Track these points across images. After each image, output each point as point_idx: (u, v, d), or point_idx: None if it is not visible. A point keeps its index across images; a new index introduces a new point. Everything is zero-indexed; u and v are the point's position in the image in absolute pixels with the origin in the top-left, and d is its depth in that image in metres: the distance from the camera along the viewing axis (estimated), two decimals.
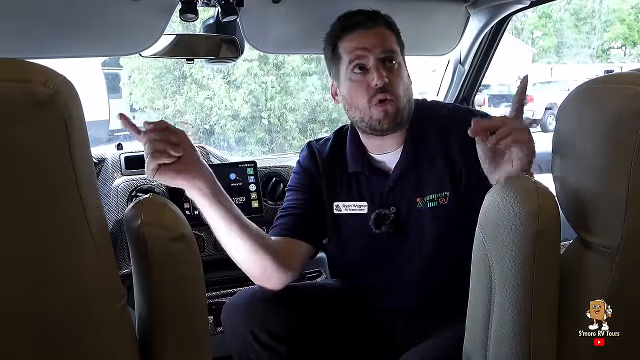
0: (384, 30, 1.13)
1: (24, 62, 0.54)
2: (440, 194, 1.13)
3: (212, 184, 1.01)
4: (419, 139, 1.15)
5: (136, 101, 8.12)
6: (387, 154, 1.18)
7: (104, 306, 0.63)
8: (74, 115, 0.55)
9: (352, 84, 1.12)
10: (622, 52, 17.70)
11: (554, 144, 0.73)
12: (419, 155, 1.14)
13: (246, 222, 1.06)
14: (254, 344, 1.08)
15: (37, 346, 0.59)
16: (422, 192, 1.14)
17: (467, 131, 0.87)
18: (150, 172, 0.95)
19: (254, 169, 1.67)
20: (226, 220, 1.03)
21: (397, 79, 1.11)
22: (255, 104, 7.73)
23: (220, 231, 1.05)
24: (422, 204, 1.14)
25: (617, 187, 0.65)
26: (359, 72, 1.11)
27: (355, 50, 1.11)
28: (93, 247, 0.60)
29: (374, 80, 1.08)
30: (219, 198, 1.02)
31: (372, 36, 1.11)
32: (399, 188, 1.15)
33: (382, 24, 1.13)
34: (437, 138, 1.14)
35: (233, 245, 1.07)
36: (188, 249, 0.69)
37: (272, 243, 1.10)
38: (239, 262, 1.10)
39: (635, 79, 0.65)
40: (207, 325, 0.77)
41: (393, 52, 1.12)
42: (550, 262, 0.69)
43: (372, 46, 1.10)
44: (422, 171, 1.14)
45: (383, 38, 1.11)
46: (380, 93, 1.09)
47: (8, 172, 0.53)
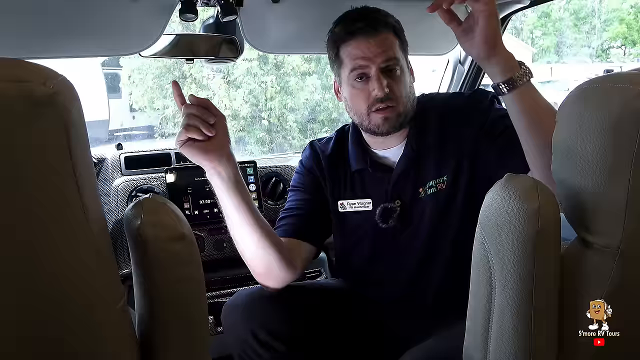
0: (387, 37, 1.11)
1: (23, 62, 0.54)
2: (439, 179, 1.14)
3: (233, 173, 1.03)
4: (422, 132, 1.16)
5: (136, 101, 8.11)
6: (390, 149, 1.19)
7: (104, 306, 0.63)
8: (74, 115, 0.55)
9: (353, 90, 1.12)
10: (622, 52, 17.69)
11: (554, 144, 0.73)
12: (422, 147, 1.15)
13: (259, 217, 1.07)
14: (254, 344, 1.08)
15: (37, 346, 0.59)
16: (422, 181, 1.15)
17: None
18: (178, 142, 0.99)
19: (254, 169, 1.67)
20: (240, 210, 1.04)
21: (399, 85, 1.11)
22: (255, 104, 7.73)
23: (233, 220, 1.06)
24: (423, 193, 1.15)
25: (618, 186, 0.65)
26: (360, 80, 1.11)
27: (357, 58, 1.10)
28: (93, 248, 0.60)
29: (374, 90, 1.08)
30: (238, 187, 1.04)
31: (374, 45, 1.09)
32: (403, 181, 1.16)
33: (385, 29, 1.11)
34: (438, 126, 1.15)
35: (243, 236, 1.08)
36: (188, 249, 0.69)
37: (280, 242, 1.11)
38: (246, 256, 1.10)
39: (635, 79, 0.65)
40: (208, 325, 0.77)
41: (394, 59, 1.11)
42: (550, 261, 0.69)
43: (374, 55, 1.09)
44: (424, 161, 1.15)
45: (386, 46, 1.10)
46: (381, 102, 1.09)
47: (7, 172, 0.53)
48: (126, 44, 1.42)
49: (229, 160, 1.03)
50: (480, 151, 1.11)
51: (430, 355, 1.00)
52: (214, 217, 1.61)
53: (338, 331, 1.17)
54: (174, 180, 1.60)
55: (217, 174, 1.02)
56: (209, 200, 1.61)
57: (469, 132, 1.12)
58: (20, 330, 0.58)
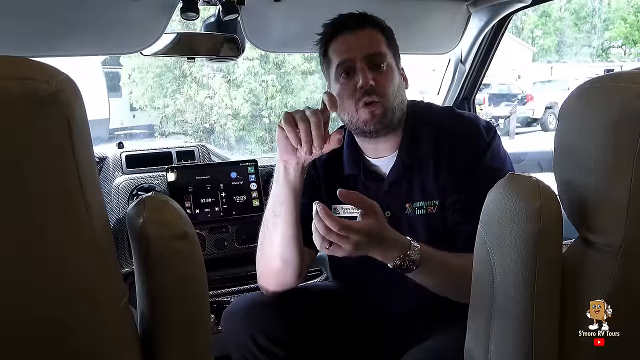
0: (370, 32, 1.12)
1: (26, 60, 0.54)
2: (429, 201, 1.13)
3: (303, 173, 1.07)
4: (413, 145, 1.14)
5: (136, 100, 8.12)
6: (382, 158, 1.17)
7: (106, 304, 0.63)
8: (76, 113, 0.55)
9: (340, 86, 1.12)
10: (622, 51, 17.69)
11: (556, 143, 0.73)
12: (413, 162, 1.14)
13: (299, 219, 1.09)
14: (254, 349, 1.08)
15: (38, 345, 0.59)
16: (411, 198, 1.14)
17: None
18: (287, 129, 0.98)
19: (254, 168, 1.67)
20: (288, 204, 1.06)
21: (386, 80, 1.10)
22: (255, 103, 7.74)
23: (278, 208, 1.08)
24: (410, 210, 1.14)
25: (620, 185, 0.65)
26: (347, 76, 1.11)
27: (342, 53, 1.11)
28: (95, 245, 0.60)
29: (359, 82, 1.08)
30: (299, 187, 1.06)
31: (358, 39, 1.10)
32: (393, 193, 1.15)
33: (369, 25, 1.12)
34: (431, 145, 1.13)
35: (275, 226, 1.09)
36: (190, 247, 0.69)
37: (303, 251, 1.12)
38: (272, 251, 1.11)
39: (637, 78, 0.65)
40: (209, 323, 0.77)
41: (380, 54, 1.11)
42: (552, 260, 0.69)
43: (359, 48, 1.09)
44: (414, 177, 1.14)
45: (369, 40, 1.11)
46: (367, 96, 1.09)
47: (10, 170, 0.53)
48: (127, 42, 1.42)
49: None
50: (452, 190, 1.10)
51: (430, 356, 1.00)
52: (214, 216, 1.61)
53: (337, 335, 1.17)
54: (175, 179, 1.60)
55: (302, 169, 1.05)
56: (210, 199, 1.61)
57: (461, 162, 1.10)
58: (22, 328, 0.58)
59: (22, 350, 0.59)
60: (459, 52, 1.87)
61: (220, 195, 1.63)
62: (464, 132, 1.12)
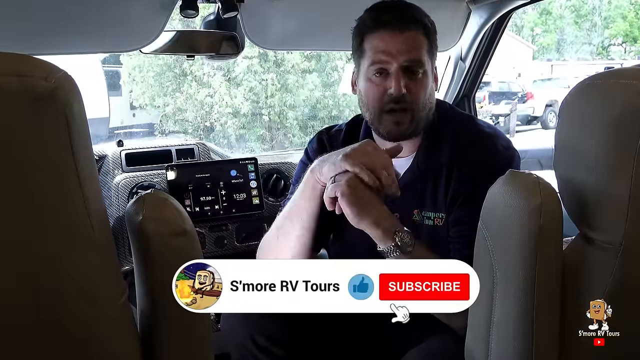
0: (416, 36, 1.05)
1: (25, 56, 0.54)
2: (437, 214, 1.11)
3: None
4: (431, 150, 1.11)
5: (136, 99, 8.12)
6: (398, 158, 1.12)
7: (106, 303, 0.62)
8: (75, 110, 0.54)
9: (370, 84, 1.08)
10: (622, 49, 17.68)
11: (556, 140, 0.73)
12: (428, 168, 1.11)
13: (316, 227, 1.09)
14: (254, 349, 1.08)
15: (37, 344, 0.59)
16: (422, 206, 1.12)
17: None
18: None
19: (254, 166, 1.67)
20: (310, 211, 1.06)
21: (419, 88, 1.06)
22: (255, 101, 7.73)
23: (299, 212, 1.08)
24: (418, 217, 1.12)
25: (620, 183, 0.65)
26: (379, 76, 1.06)
27: (379, 53, 1.05)
28: (94, 244, 0.60)
29: (391, 88, 1.04)
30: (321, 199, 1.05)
31: (401, 41, 1.03)
32: (404, 196, 1.13)
33: (416, 27, 1.05)
34: (447, 156, 1.10)
35: (290, 233, 1.09)
36: (190, 244, 0.69)
37: (311, 252, 1.12)
38: (284, 254, 1.11)
39: (638, 74, 0.65)
40: (209, 321, 0.77)
41: (419, 62, 1.05)
42: (552, 258, 0.69)
43: (398, 52, 1.03)
44: (427, 185, 1.11)
45: (413, 45, 1.04)
46: (395, 103, 1.05)
47: (8, 167, 0.53)
48: (127, 40, 1.42)
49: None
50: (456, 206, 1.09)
51: (430, 354, 1.00)
52: (214, 214, 1.61)
53: (337, 335, 1.16)
54: (174, 177, 1.60)
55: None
56: (210, 197, 1.61)
57: (469, 184, 1.06)
58: (20, 327, 0.58)
59: (22, 348, 0.59)
60: (459, 50, 1.86)
61: (220, 193, 1.62)
62: (480, 153, 1.08)
